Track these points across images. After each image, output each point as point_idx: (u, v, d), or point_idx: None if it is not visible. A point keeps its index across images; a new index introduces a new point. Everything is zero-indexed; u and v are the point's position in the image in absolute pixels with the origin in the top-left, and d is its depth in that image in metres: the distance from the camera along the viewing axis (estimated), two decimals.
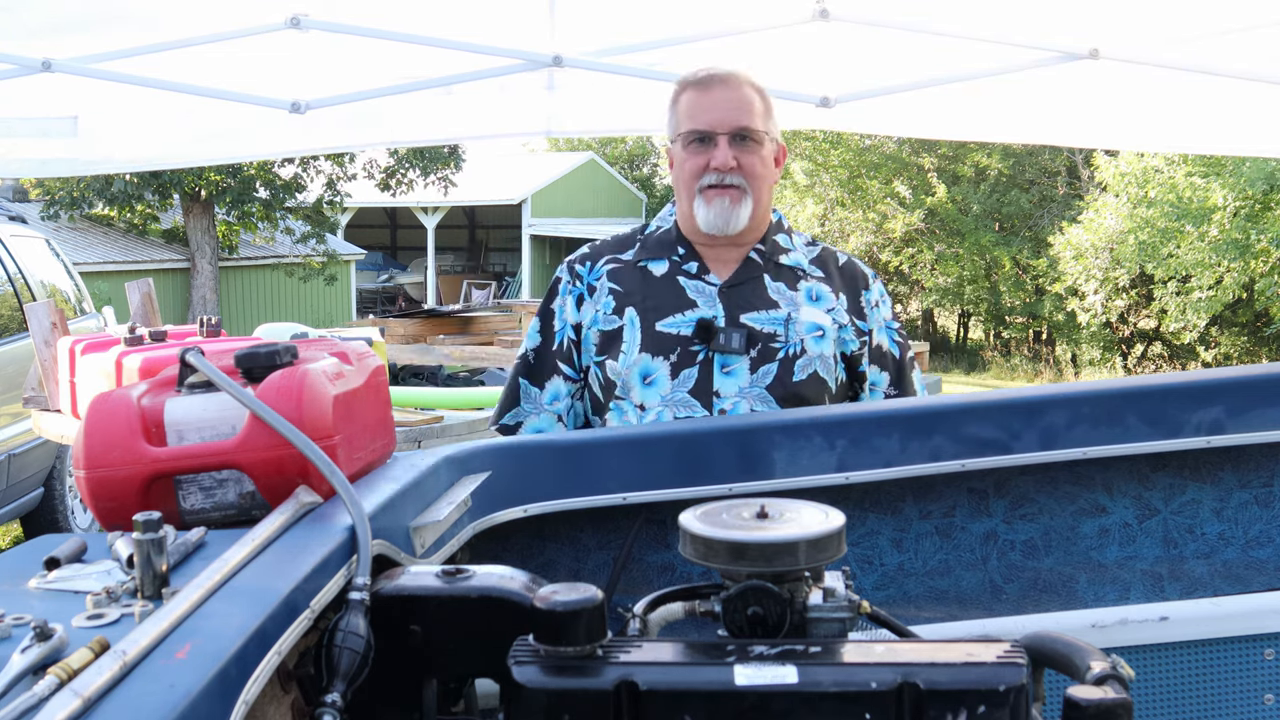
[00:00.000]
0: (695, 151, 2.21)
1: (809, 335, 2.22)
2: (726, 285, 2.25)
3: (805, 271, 2.29)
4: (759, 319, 2.22)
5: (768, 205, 2.29)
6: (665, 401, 2.20)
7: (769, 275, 2.27)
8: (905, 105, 3.50)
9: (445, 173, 23.21)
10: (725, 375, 2.19)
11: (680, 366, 2.20)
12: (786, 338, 2.21)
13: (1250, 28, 3.08)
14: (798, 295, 2.26)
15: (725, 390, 2.18)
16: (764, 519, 1.24)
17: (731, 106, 2.19)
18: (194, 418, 1.42)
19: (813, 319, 2.23)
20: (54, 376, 3.84)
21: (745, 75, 2.25)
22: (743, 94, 2.21)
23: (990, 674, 1.06)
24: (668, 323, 2.23)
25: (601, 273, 2.33)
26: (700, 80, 2.23)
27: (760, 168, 2.21)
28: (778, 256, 2.30)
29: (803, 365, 2.20)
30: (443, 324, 13.18)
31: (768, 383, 2.19)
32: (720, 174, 2.19)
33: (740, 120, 2.19)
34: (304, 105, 3.45)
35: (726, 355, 2.19)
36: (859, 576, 2.00)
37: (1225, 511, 2.05)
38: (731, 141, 2.19)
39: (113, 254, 19.98)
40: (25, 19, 3.18)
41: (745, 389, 2.18)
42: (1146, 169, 15.08)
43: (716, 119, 2.19)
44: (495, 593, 1.24)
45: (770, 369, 2.19)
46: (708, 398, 2.19)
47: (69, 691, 0.89)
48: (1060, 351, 19.34)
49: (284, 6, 3.13)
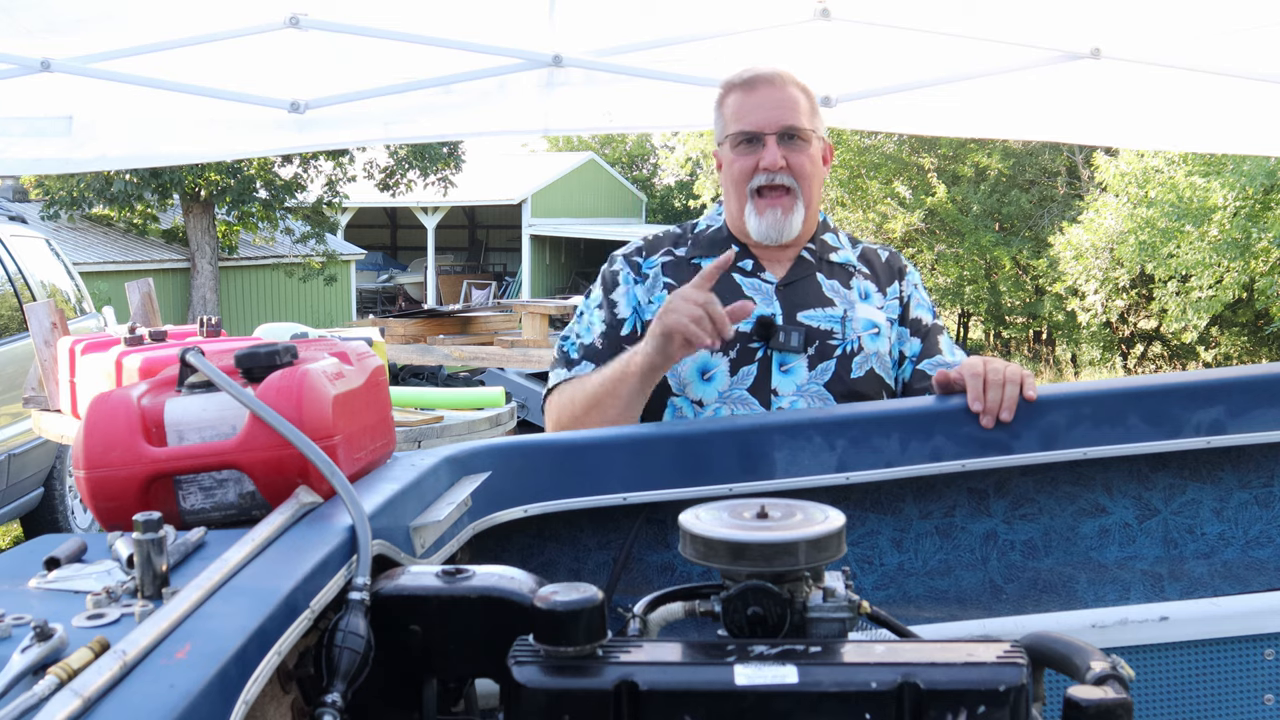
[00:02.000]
0: (744, 153, 2.21)
1: (865, 332, 2.23)
2: (783, 283, 2.26)
3: (856, 269, 2.31)
4: (816, 316, 2.23)
5: (817, 206, 2.29)
6: (723, 398, 2.19)
7: (822, 274, 2.28)
8: (906, 104, 3.50)
9: (445, 173, 23.22)
10: (784, 374, 2.19)
11: (739, 364, 2.20)
12: (844, 335, 2.22)
13: (1250, 28, 3.09)
14: (851, 293, 2.28)
15: (783, 389, 2.18)
16: (764, 519, 1.24)
17: (777, 105, 2.19)
18: (194, 418, 1.42)
19: (868, 316, 2.25)
20: (54, 376, 3.84)
21: (789, 75, 2.25)
22: (788, 93, 2.21)
23: (990, 674, 1.06)
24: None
25: (656, 263, 2.32)
26: (746, 81, 2.23)
27: (809, 166, 2.21)
28: (828, 255, 2.31)
29: (860, 362, 2.21)
30: (443, 324, 13.19)
31: (826, 379, 2.19)
32: (770, 174, 2.19)
33: (787, 119, 2.19)
34: (303, 105, 3.45)
35: (785, 353, 2.19)
36: (859, 576, 2.00)
37: (1225, 511, 2.05)
38: (780, 141, 2.19)
39: (113, 254, 19.99)
40: (23, 19, 3.18)
41: (803, 386, 2.19)
42: (1146, 169, 15.07)
43: (763, 119, 2.19)
44: (495, 593, 1.24)
45: (828, 366, 2.20)
46: (766, 395, 2.18)
47: (69, 691, 0.89)
48: (1060, 351, 19.33)
49: (283, 5, 3.13)
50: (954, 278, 19.56)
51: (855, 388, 2.19)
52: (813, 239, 2.31)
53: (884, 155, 20.07)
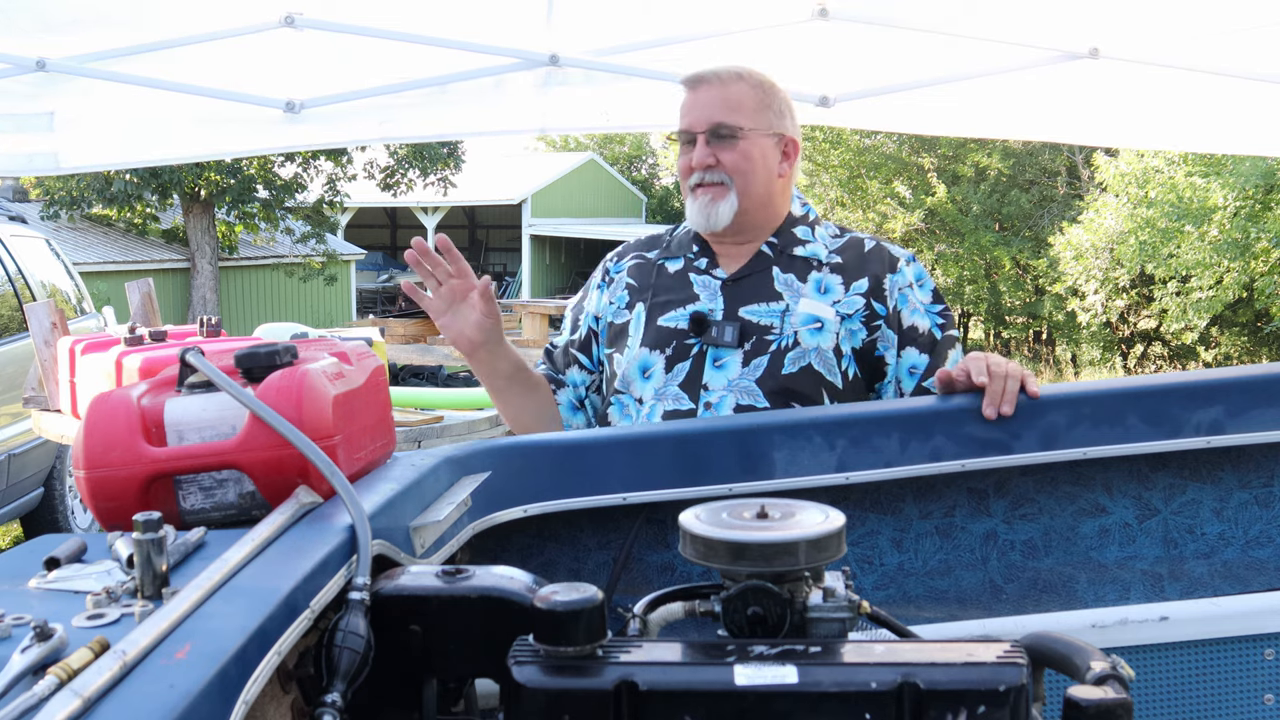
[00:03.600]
0: (683, 151, 2.24)
1: (804, 327, 2.18)
2: (731, 279, 2.25)
3: (821, 262, 2.26)
4: (757, 311, 2.21)
5: (767, 198, 2.25)
6: (658, 395, 2.21)
7: (779, 267, 2.25)
8: (905, 104, 3.50)
9: (445, 173, 23.20)
10: (716, 369, 2.19)
11: (675, 360, 2.21)
12: (781, 329, 2.19)
13: (1250, 28, 3.08)
14: (805, 287, 2.23)
15: (714, 383, 2.18)
16: (764, 519, 1.24)
17: (710, 104, 2.20)
18: (194, 418, 1.42)
19: (811, 310, 2.20)
20: (54, 376, 3.84)
21: (741, 71, 2.24)
22: (728, 90, 2.20)
23: (990, 674, 1.06)
24: (668, 317, 2.24)
25: (624, 267, 2.37)
26: (691, 79, 2.25)
27: (743, 163, 2.20)
28: (792, 249, 2.27)
29: (794, 358, 2.17)
30: None
31: (758, 375, 2.17)
32: (700, 172, 2.20)
33: (715, 117, 2.19)
34: (298, 104, 3.44)
35: (720, 349, 2.18)
36: (859, 576, 2.00)
37: (1225, 511, 2.05)
38: (709, 139, 2.19)
39: (113, 254, 19.98)
40: (19, 19, 3.18)
41: (734, 381, 2.17)
42: (1146, 169, 15.07)
43: (695, 118, 2.21)
44: (495, 593, 1.24)
45: (761, 361, 2.17)
46: (696, 390, 2.18)
47: (69, 691, 0.89)
48: (1060, 351, 19.34)
49: (278, 5, 3.12)
50: (954, 278, 19.55)
51: (787, 384, 2.15)
52: (779, 232, 2.27)
53: (884, 155, 20.07)
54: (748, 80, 2.23)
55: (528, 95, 3.52)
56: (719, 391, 2.17)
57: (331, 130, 3.69)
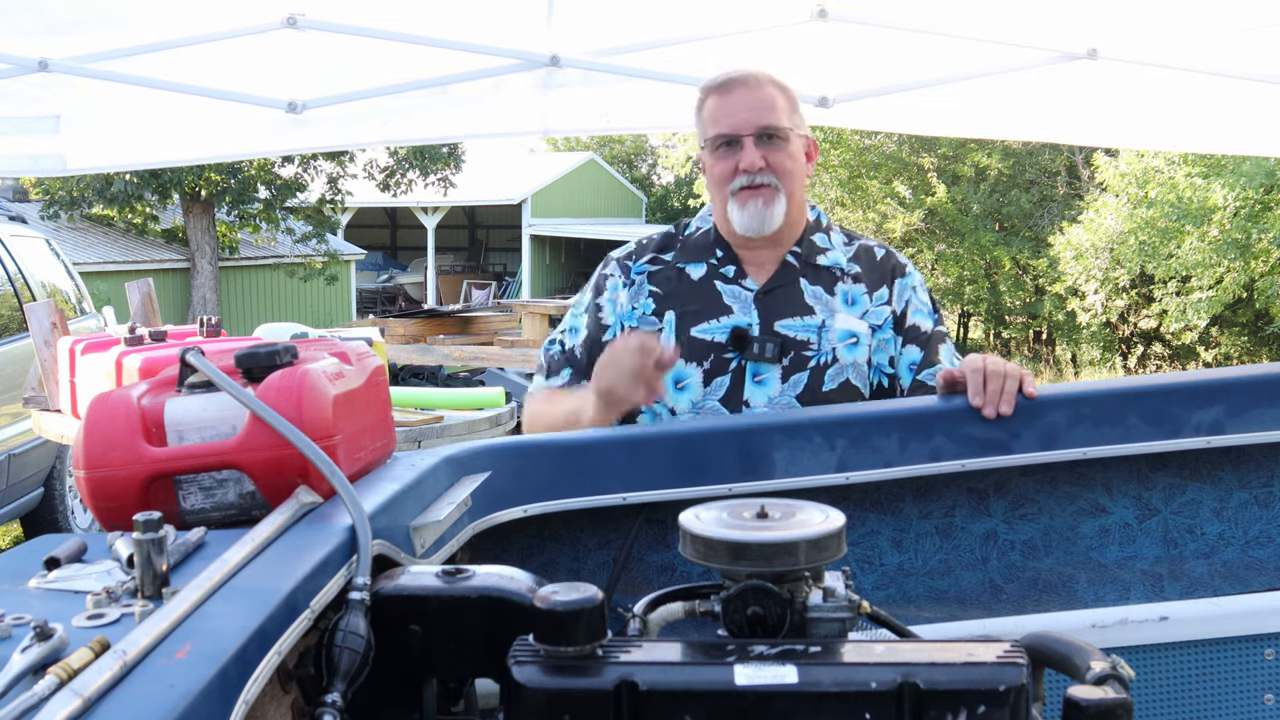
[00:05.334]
0: (723, 155, 2.21)
1: (842, 343, 2.20)
2: (762, 291, 2.24)
3: (843, 271, 2.27)
4: (793, 326, 2.21)
5: (802, 201, 2.27)
6: (696, 408, 2.19)
7: (806, 279, 2.25)
8: (904, 105, 3.50)
9: (445, 173, 23.21)
10: (757, 384, 2.19)
11: (713, 374, 2.20)
12: (819, 346, 2.19)
13: (1248, 28, 3.08)
14: (834, 300, 2.24)
15: (755, 400, 2.18)
16: (764, 519, 1.24)
17: (753, 106, 2.19)
18: (194, 418, 1.42)
19: (847, 326, 2.22)
20: (54, 376, 3.84)
21: (766, 74, 2.24)
22: (764, 93, 2.20)
23: (990, 674, 1.06)
24: (703, 329, 2.22)
25: (645, 270, 2.33)
26: (721, 84, 2.23)
27: (789, 163, 2.21)
28: (815, 258, 2.28)
29: (834, 374, 2.19)
30: (443, 324, 13.19)
31: (798, 392, 2.18)
32: (749, 175, 2.18)
33: (763, 119, 2.18)
34: (300, 105, 3.45)
35: (760, 364, 2.18)
36: (859, 576, 2.00)
37: (1225, 511, 2.05)
38: (757, 142, 2.18)
39: (113, 254, 19.98)
40: (21, 19, 3.18)
41: (775, 398, 2.18)
42: (1146, 169, 15.07)
43: (740, 121, 2.19)
44: (495, 593, 1.24)
45: (801, 378, 2.18)
46: (738, 406, 2.18)
47: (69, 691, 0.89)
48: (1060, 351, 19.33)
49: (280, 6, 3.13)
50: (954, 278, 19.55)
51: (829, 399, 2.16)
52: (800, 240, 2.28)
53: (884, 155, 20.06)
54: (774, 82, 2.23)
55: (528, 96, 3.52)
56: (761, 408, 2.17)
57: (333, 132, 3.69)
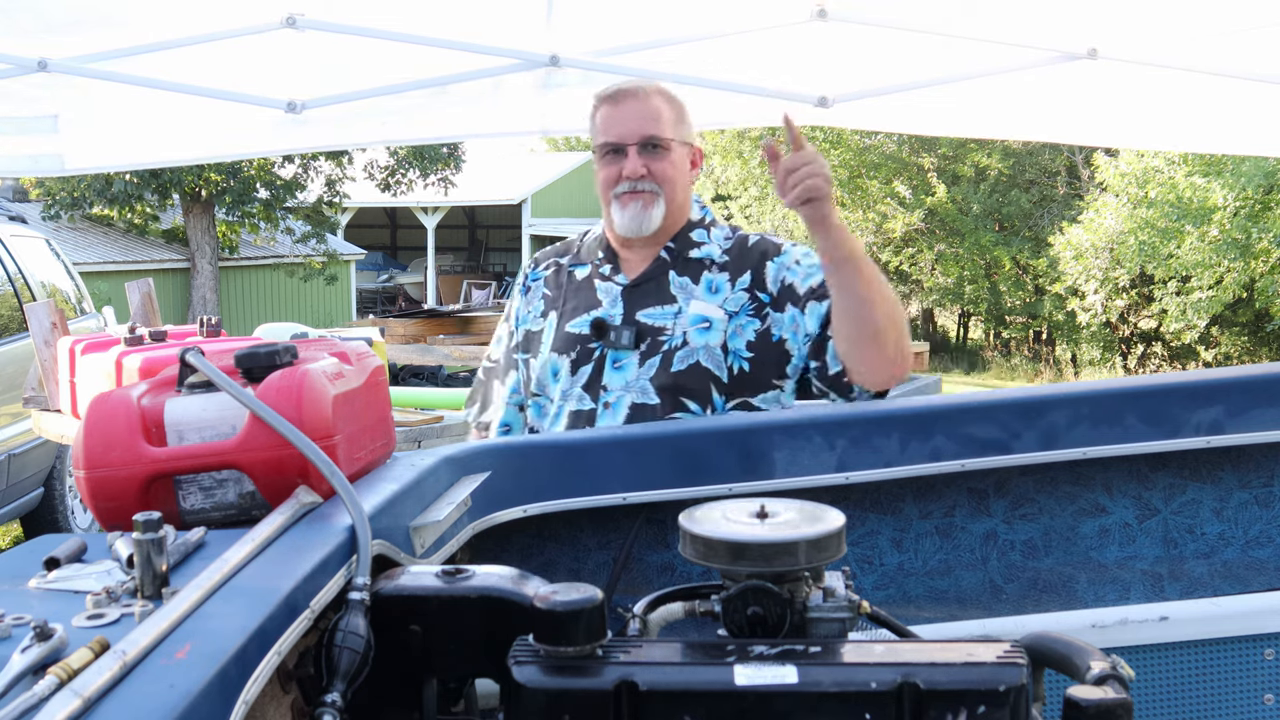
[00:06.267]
0: (610, 162, 2.35)
1: (694, 327, 2.29)
2: (631, 285, 2.37)
3: (713, 262, 2.37)
4: (653, 315, 2.33)
5: (681, 204, 2.38)
6: (565, 396, 2.35)
7: (675, 271, 2.36)
8: (903, 105, 3.50)
9: (445, 173, 23.19)
10: (615, 370, 2.31)
11: (579, 363, 2.34)
12: (673, 330, 2.30)
13: (1248, 28, 3.08)
14: (698, 288, 2.34)
15: (613, 384, 2.30)
16: (764, 519, 1.24)
17: (639, 117, 2.32)
18: (194, 418, 1.42)
19: (701, 311, 2.31)
20: (54, 376, 3.84)
21: (656, 87, 2.39)
22: (650, 105, 2.33)
23: (990, 674, 1.06)
24: (574, 323, 2.38)
25: (541, 275, 2.52)
26: (611, 95, 2.37)
27: (670, 171, 2.33)
28: (688, 251, 2.38)
29: (683, 356, 2.27)
30: (443, 324, 13.20)
31: (651, 374, 2.28)
32: (631, 181, 2.32)
33: (646, 130, 2.31)
34: (300, 105, 3.45)
35: (618, 351, 2.31)
36: (859, 576, 2.00)
37: (1225, 511, 2.05)
38: (640, 151, 2.31)
39: (113, 254, 19.97)
40: (21, 19, 3.18)
41: (631, 382, 2.29)
42: (1146, 169, 15.08)
43: (626, 130, 2.32)
44: (495, 593, 1.24)
45: (654, 361, 2.29)
46: (596, 390, 2.32)
47: (69, 691, 0.89)
48: (1060, 351, 19.33)
49: (280, 6, 3.12)
50: (954, 278, 19.56)
51: (677, 380, 2.26)
52: (677, 237, 2.39)
53: (884, 155, 20.07)
54: (664, 94, 2.37)
55: (527, 96, 3.52)
56: (617, 391, 2.29)
57: (333, 132, 3.69)
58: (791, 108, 3.41)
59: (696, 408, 2.24)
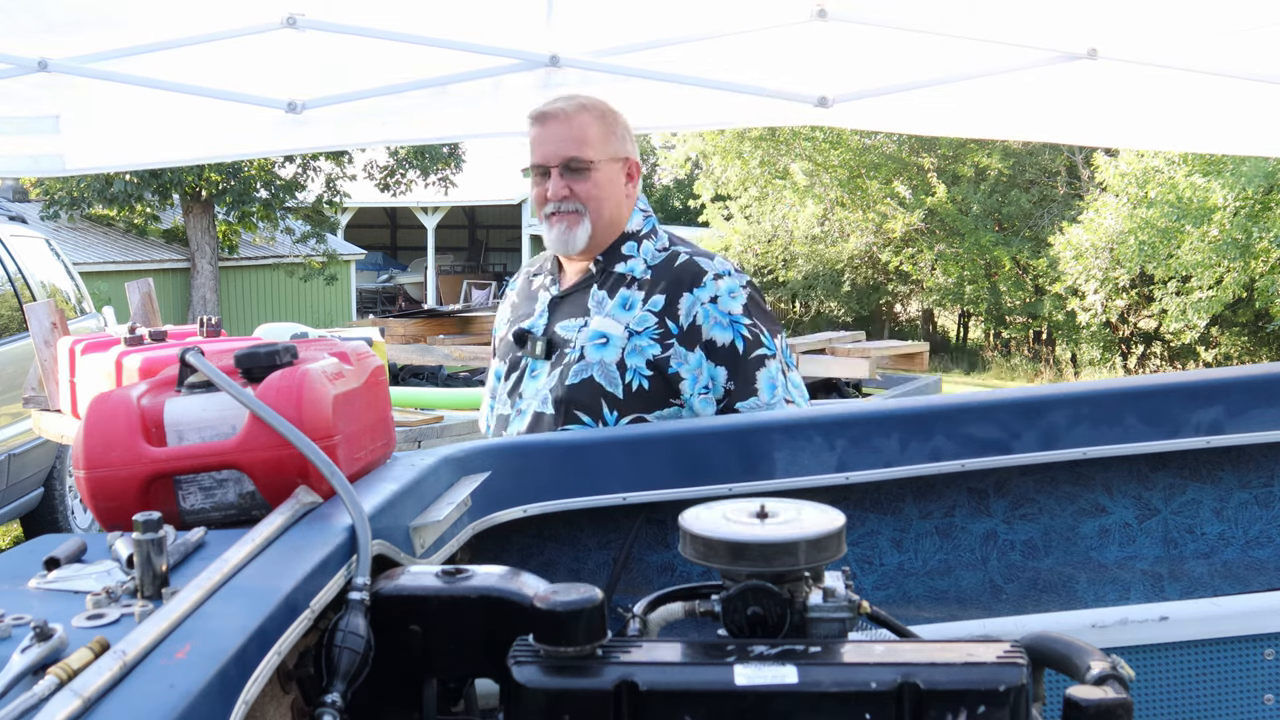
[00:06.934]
0: (537, 183, 2.39)
1: (591, 343, 2.30)
2: (558, 296, 2.42)
3: (634, 278, 2.36)
4: (567, 327, 2.36)
5: (611, 221, 2.38)
6: (497, 399, 2.46)
7: (598, 284, 2.38)
8: (903, 105, 3.50)
9: (445, 173, 23.20)
10: (531, 378, 2.37)
11: (510, 370, 2.44)
12: (574, 343, 2.32)
13: (1248, 28, 3.08)
14: (611, 303, 2.34)
15: (527, 391, 2.37)
16: (764, 519, 1.24)
17: (562, 139, 2.34)
18: (194, 418, 1.42)
19: (600, 327, 2.31)
20: (54, 376, 3.84)
21: (585, 103, 2.38)
22: (573, 126, 2.34)
23: (990, 674, 1.06)
24: (513, 331, 2.45)
25: (515, 286, 2.63)
26: (538, 115, 2.38)
27: (595, 190, 2.34)
28: (614, 266, 2.38)
29: (578, 370, 2.29)
30: (443, 324, 13.19)
31: (552, 385, 2.31)
32: (555, 203, 2.35)
33: (568, 151, 2.33)
34: (300, 105, 3.45)
35: (535, 360, 2.38)
36: (859, 576, 2.00)
37: (1225, 511, 2.05)
38: (563, 172, 2.33)
39: (113, 254, 19.97)
40: (21, 19, 3.18)
41: (540, 390, 2.33)
42: (1146, 169, 15.07)
43: (549, 152, 2.35)
44: (495, 593, 1.24)
45: (557, 373, 2.32)
46: (514, 397, 2.40)
47: (69, 691, 0.89)
48: (1060, 351, 19.33)
49: (280, 6, 3.12)
50: (954, 278, 19.55)
51: (570, 393, 2.28)
52: (607, 251, 2.39)
53: (884, 155, 20.07)
54: (591, 111, 2.37)
55: (528, 96, 3.51)
56: (528, 399, 2.36)
57: (333, 132, 3.69)
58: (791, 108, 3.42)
59: (589, 420, 2.24)
